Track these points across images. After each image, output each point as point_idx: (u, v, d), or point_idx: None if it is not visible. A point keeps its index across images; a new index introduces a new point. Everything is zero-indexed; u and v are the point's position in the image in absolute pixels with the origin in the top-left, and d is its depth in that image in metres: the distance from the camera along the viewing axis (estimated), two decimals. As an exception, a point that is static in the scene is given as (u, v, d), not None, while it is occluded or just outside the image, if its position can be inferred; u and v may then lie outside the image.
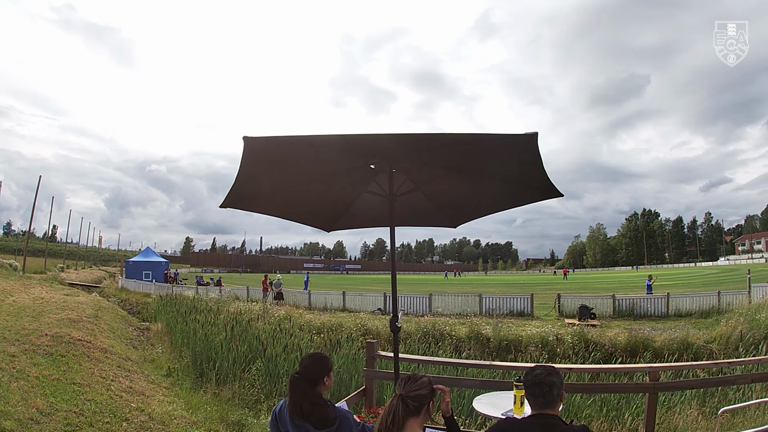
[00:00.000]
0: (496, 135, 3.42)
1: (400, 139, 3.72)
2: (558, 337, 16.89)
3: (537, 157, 3.44)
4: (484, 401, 5.11)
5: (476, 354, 16.53)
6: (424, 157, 4.30)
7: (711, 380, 7.73)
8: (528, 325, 19.53)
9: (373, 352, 6.27)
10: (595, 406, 9.13)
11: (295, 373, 3.39)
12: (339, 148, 4.02)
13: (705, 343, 16.68)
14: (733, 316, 19.14)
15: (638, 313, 25.28)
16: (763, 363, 8.28)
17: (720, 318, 20.50)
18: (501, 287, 46.43)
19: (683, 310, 25.44)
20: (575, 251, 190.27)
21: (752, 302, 22.46)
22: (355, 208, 5.37)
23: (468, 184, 4.76)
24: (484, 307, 26.32)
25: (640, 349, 15.96)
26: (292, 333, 16.01)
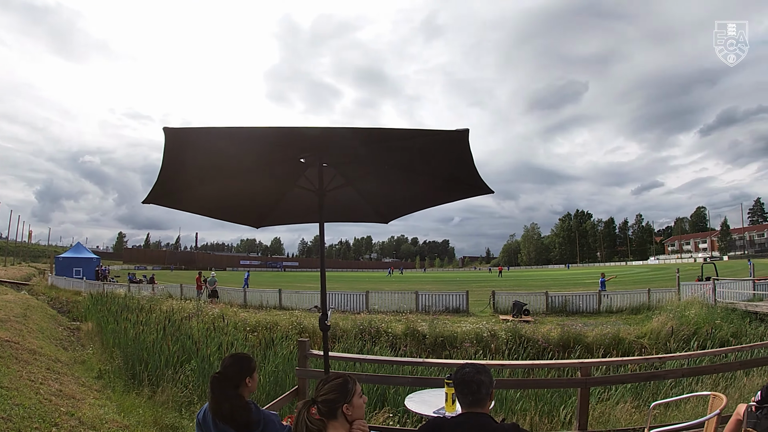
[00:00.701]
0: (427, 131, 3.33)
1: (330, 132, 3.56)
2: (492, 333, 17.04)
3: (468, 153, 3.40)
4: (416, 399, 4.99)
5: (412, 351, 16.54)
6: (355, 152, 4.20)
7: (642, 375, 7.95)
8: (463, 322, 19.62)
9: (305, 351, 6.08)
10: (529, 400, 9.13)
11: (215, 373, 3.27)
12: (267, 141, 3.77)
13: (636, 338, 17.17)
14: (663, 313, 19.86)
15: (570, 310, 25.98)
16: (693, 358, 8.35)
17: (650, 314, 21.29)
18: (437, 284, 46.87)
19: (614, 307, 26.31)
20: (510, 249, 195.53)
21: (681, 299, 23.43)
22: (285, 204, 5.18)
23: (400, 179, 4.70)
24: (421, 304, 26.56)
25: (572, 344, 16.30)
26: (226, 332, 15.48)
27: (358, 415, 2.70)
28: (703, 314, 18.93)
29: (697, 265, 45.57)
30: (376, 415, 8.05)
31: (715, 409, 4.22)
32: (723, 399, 4.24)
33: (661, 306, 23.03)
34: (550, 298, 26.57)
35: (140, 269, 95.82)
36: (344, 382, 2.71)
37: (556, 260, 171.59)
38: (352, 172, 4.67)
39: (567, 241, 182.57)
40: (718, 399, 4.36)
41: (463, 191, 4.41)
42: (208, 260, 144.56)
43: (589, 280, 52.83)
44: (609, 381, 8.27)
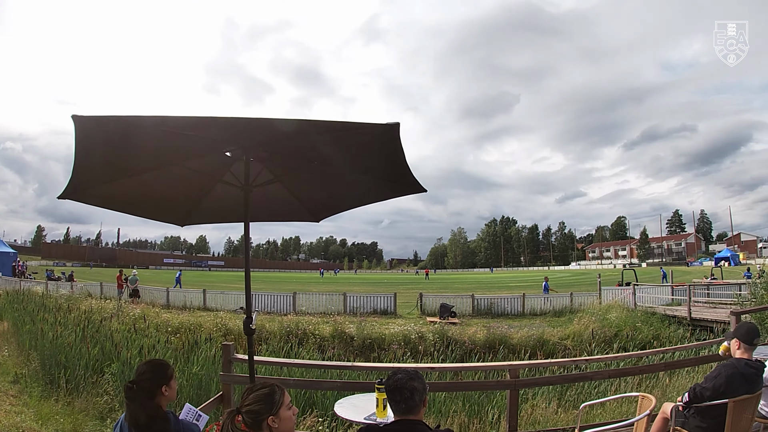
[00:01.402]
0: (357, 123, 3.20)
1: (257, 123, 3.30)
2: (420, 335, 17.08)
3: (399, 148, 3.28)
4: (345, 404, 4.78)
5: (340, 353, 16.36)
6: (284, 146, 4.07)
7: (571, 376, 8.03)
8: (391, 324, 19.66)
9: (229, 355, 5.77)
10: (458, 401, 9.07)
11: (129, 382, 3.05)
12: (190, 132, 3.48)
13: (560, 340, 17.59)
14: (585, 316, 20.45)
15: (496, 312, 26.46)
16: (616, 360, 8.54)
17: (573, 317, 21.82)
18: (365, 286, 46.83)
19: (538, 310, 27.02)
20: (437, 253, 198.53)
21: (602, 303, 24.22)
22: (211, 201, 4.84)
23: (331, 175, 4.55)
24: (349, 306, 26.36)
25: (497, 345, 16.50)
26: (147, 334, 14.79)
27: (287, 427, 2.51)
28: (623, 317, 19.71)
29: (617, 271, 47.48)
30: (304, 420, 7.83)
31: (644, 409, 4.25)
32: (652, 400, 4.26)
33: (583, 309, 23.86)
34: (476, 300, 26.97)
35: (59, 266, 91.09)
36: (271, 393, 2.53)
37: (482, 264, 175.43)
38: (281, 168, 4.45)
39: (492, 245, 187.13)
40: (647, 399, 4.38)
41: (395, 189, 4.27)
42: (131, 258, 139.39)
43: (513, 283, 54.18)
44: (538, 382, 8.28)
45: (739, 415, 4.00)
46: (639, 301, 23.71)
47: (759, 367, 4.19)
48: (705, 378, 4.24)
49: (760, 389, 4.20)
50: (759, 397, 4.22)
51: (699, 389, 4.17)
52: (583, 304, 25.78)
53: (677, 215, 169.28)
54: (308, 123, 3.25)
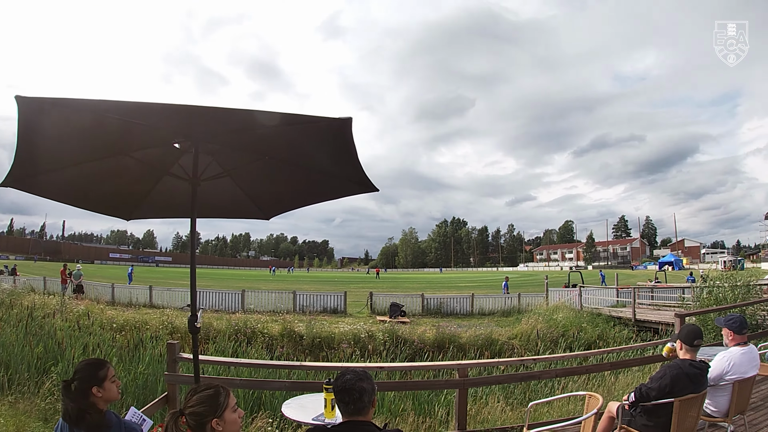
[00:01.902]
0: (309, 116, 3.11)
1: (206, 113, 3.18)
2: (370, 334, 17.05)
3: (351, 144, 3.23)
4: (293, 405, 4.65)
5: (289, 352, 16.21)
6: (234, 138, 3.88)
7: (517, 375, 8.16)
8: (341, 323, 19.61)
9: (174, 354, 5.60)
10: (409, 401, 9.04)
11: (65, 380, 2.97)
12: (137, 120, 3.29)
13: (508, 339, 17.80)
14: (532, 316, 20.76)
15: (445, 312, 26.66)
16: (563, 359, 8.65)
17: (521, 317, 22.14)
18: (316, 284, 46.41)
19: (487, 310, 27.39)
20: (388, 252, 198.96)
21: (549, 304, 24.65)
22: (158, 195, 4.64)
23: (282, 171, 4.44)
24: (298, 304, 26.10)
25: (447, 344, 16.56)
26: (92, 331, 14.27)
27: (232, 430, 2.42)
28: (570, 318, 20.14)
29: (564, 273, 48.40)
30: (253, 422, 7.66)
31: (591, 408, 4.26)
32: (599, 399, 4.28)
33: (531, 309, 24.29)
34: (426, 300, 27.12)
35: (2, 259, 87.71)
36: (215, 394, 2.43)
37: (432, 264, 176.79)
38: (232, 162, 4.29)
39: (443, 246, 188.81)
40: (593, 399, 4.41)
41: (347, 188, 4.22)
42: (76, 252, 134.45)
43: (463, 283, 54.68)
44: (487, 381, 8.35)
45: (684, 413, 4.08)
46: (585, 302, 24.36)
47: (703, 368, 4.28)
48: (650, 378, 4.31)
49: (705, 389, 4.30)
50: (704, 397, 4.32)
51: (645, 389, 4.22)
52: (531, 305, 26.23)
53: (623, 221, 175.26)
54: (259, 114, 3.16)
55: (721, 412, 4.72)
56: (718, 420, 4.78)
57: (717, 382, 4.68)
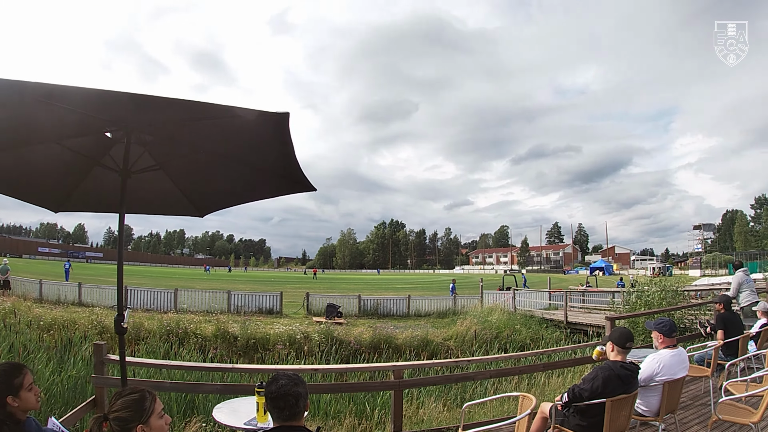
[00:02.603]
0: (246, 109, 2.98)
1: (140, 100, 2.97)
2: (306, 335, 16.84)
3: (288, 140, 3.17)
4: (225, 409, 4.52)
5: (223, 354, 15.80)
6: (169, 130, 3.74)
7: (453, 376, 8.20)
8: (276, 323, 19.22)
9: (102, 356, 5.32)
10: (345, 402, 8.95)
11: None
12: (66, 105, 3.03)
13: (443, 340, 17.93)
14: (468, 318, 21.00)
15: (382, 313, 26.67)
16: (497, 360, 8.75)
17: (456, 318, 22.38)
18: (251, 284, 45.61)
19: (423, 311, 27.58)
20: (326, 252, 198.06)
21: (484, 306, 25.00)
22: (88, 186, 4.40)
23: (217, 167, 4.25)
24: (233, 304, 25.52)
25: (383, 345, 16.54)
26: (18, 330, 13.56)
27: None
28: (504, 320, 20.52)
29: (499, 276, 49.24)
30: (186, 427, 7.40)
31: (525, 408, 4.30)
32: (533, 399, 4.34)
33: (466, 311, 24.67)
34: (363, 301, 27.13)
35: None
36: (140, 399, 2.31)
37: (370, 265, 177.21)
38: (165, 155, 4.12)
39: (380, 247, 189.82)
40: (527, 399, 4.46)
41: (284, 186, 4.16)
42: (3, 245, 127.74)
43: (399, 285, 54.97)
44: (421, 383, 8.41)
45: (616, 413, 4.16)
46: (519, 304, 24.88)
47: (634, 369, 4.39)
48: (583, 379, 4.39)
49: (636, 389, 4.41)
50: (635, 397, 4.42)
51: (578, 390, 4.29)
52: (466, 307, 26.65)
53: (557, 227, 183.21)
54: (195, 104, 3.01)
55: (652, 411, 4.86)
56: (649, 419, 4.92)
57: (647, 382, 4.81)
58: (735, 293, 10.36)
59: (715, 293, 16.60)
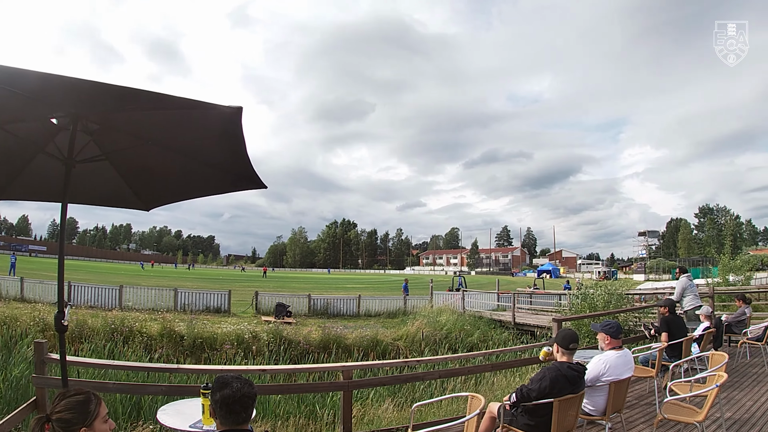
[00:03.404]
0: (197, 102, 2.91)
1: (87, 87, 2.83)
2: (254, 335, 16.61)
3: (240, 136, 3.12)
4: (170, 411, 4.38)
5: (169, 353, 15.39)
6: (117, 118, 3.61)
7: (402, 377, 8.21)
8: (224, 323, 18.93)
9: (42, 355, 5.12)
10: (293, 403, 8.89)
11: None
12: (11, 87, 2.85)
13: (393, 340, 17.94)
14: (417, 318, 21.09)
15: (332, 312, 26.56)
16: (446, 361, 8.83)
17: (406, 319, 22.44)
18: (199, 282, 44.76)
19: (373, 311, 27.60)
20: (277, 251, 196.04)
21: (434, 306, 25.11)
22: (30, 174, 4.21)
23: (165, 160, 4.10)
24: (180, 302, 24.88)
25: (332, 346, 16.44)
26: None
27: None
28: (453, 320, 20.67)
29: (448, 277, 49.66)
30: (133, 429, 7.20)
31: (474, 408, 4.34)
32: (481, 399, 4.39)
33: (416, 311, 24.76)
34: (313, 300, 26.93)
35: None
36: (85, 401, 2.23)
37: (320, 264, 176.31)
38: (112, 144, 3.97)
39: (332, 247, 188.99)
40: (476, 399, 4.50)
41: (234, 182, 4.10)
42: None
43: (350, 284, 54.87)
44: (371, 383, 8.39)
45: (564, 413, 4.23)
46: (468, 305, 25.17)
47: (580, 370, 4.49)
48: (531, 380, 4.44)
49: (583, 389, 4.49)
50: (582, 397, 4.51)
51: (525, 390, 4.34)
52: (416, 307, 26.73)
53: (506, 230, 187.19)
54: (145, 93, 2.87)
55: (598, 410, 4.98)
56: (596, 418, 5.03)
57: (594, 383, 4.93)
58: (679, 297, 10.74)
59: (658, 297, 17.12)
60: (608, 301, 16.36)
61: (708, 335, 8.62)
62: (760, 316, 13.74)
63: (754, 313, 13.20)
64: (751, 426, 5.93)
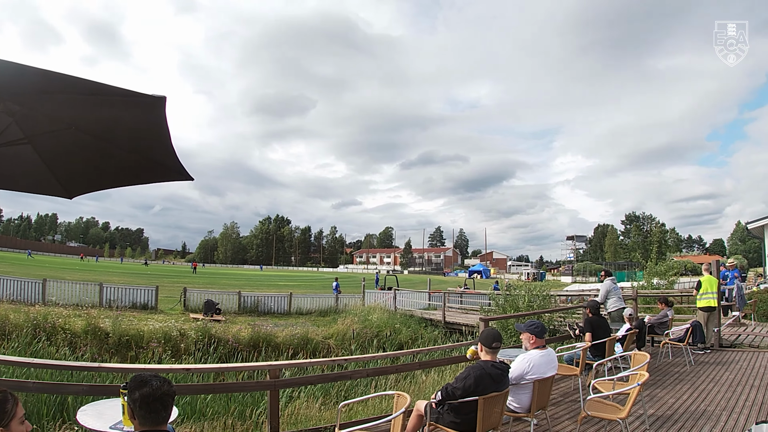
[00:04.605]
0: (121, 89, 2.82)
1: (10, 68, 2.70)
2: (182, 333, 16.23)
3: (164, 126, 3.06)
4: (90, 412, 4.22)
5: (94, 351, 14.78)
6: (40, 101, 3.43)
7: (330, 375, 8.22)
8: (151, 319, 18.43)
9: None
10: (222, 402, 8.73)
11: None
12: None
13: (324, 339, 17.89)
14: (348, 316, 21.08)
15: (262, 310, 26.26)
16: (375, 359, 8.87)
17: (338, 317, 22.40)
18: (126, 277, 43.19)
19: (304, 309, 27.49)
20: (208, 246, 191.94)
21: (365, 305, 25.19)
22: None
23: (89, 146, 3.94)
24: (105, 298, 23.81)
25: (262, 344, 16.26)
26: None
27: None
28: (384, 319, 20.79)
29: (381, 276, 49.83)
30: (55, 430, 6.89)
31: (400, 406, 4.42)
32: (407, 397, 4.50)
33: (348, 310, 24.74)
34: (243, 297, 26.57)
35: None
36: (2, 401, 2.15)
37: (253, 261, 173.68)
38: (34, 127, 3.79)
39: (265, 243, 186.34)
40: (402, 398, 4.60)
41: (159, 173, 4.01)
42: None
43: (282, 282, 54.42)
44: (298, 382, 8.42)
45: (489, 410, 4.33)
46: (399, 304, 25.45)
47: (504, 368, 4.61)
48: (456, 378, 4.53)
49: (507, 387, 4.62)
50: (506, 395, 4.63)
51: (451, 388, 4.42)
52: (348, 305, 26.81)
53: (439, 231, 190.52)
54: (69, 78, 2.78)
55: (523, 408, 5.11)
56: (521, 415, 5.17)
57: (518, 381, 5.06)
58: (603, 299, 11.13)
59: (585, 299, 17.69)
60: (531, 302, 16.81)
61: (631, 336, 8.99)
62: (682, 318, 14.40)
63: (676, 315, 13.88)
64: (674, 422, 6.21)
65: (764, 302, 18.44)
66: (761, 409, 6.73)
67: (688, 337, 10.17)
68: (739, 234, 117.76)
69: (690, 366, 9.72)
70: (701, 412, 6.66)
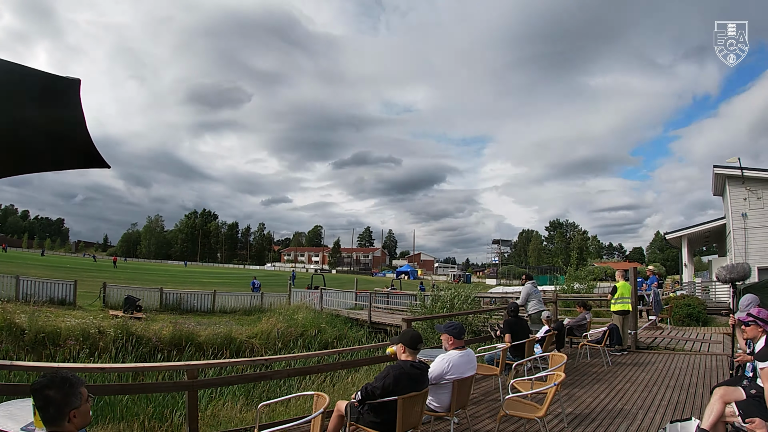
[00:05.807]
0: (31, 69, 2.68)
1: None
2: (101, 330, 15.61)
3: (78, 110, 2.91)
4: (1, 413, 4.02)
5: (9, 348, 14.13)
6: None
7: (250, 376, 8.14)
8: (69, 316, 17.55)
9: None
10: (141, 404, 8.51)
11: None
12: None
13: (247, 338, 17.66)
14: (274, 315, 20.91)
15: (185, 308, 25.76)
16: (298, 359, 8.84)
17: (262, 316, 22.17)
18: (44, 270, 41.17)
19: (229, 307, 27.14)
20: (130, 239, 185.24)
21: (292, 304, 25.03)
22: None
23: None
24: (22, 292, 22.71)
25: (184, 343, 15.93)
26: None
27: None
28: (310, 318, 20.69)
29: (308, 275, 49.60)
30: None
31: (320, 407, 4.43)
32: (326, 398, 4.54)
33: (273, 309, 24.53)
34: (165, 294, 25.97)
35: None
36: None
37: (177, 256, 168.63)
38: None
39: (190, 238, 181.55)
40: (321, 398, 4.63)
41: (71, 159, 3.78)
42: None
43: (206, 279, 53.36)
44: (218, 383, 8.32)
45: (409, 409, 4.41)
46: (326, 303, 25.42)
47: (423, 368, 4.72)
48: (375, 378, 4.59)
49: (426, 387, 4.71)
50: (426, 394, 4.72)
51: (370, 388, 4.48)
52: (274, 304, 26.66)
53: (368, 231, 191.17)
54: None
55: (443, 407, 5.22)
56: (442, 414, 5.27)
57: (438, 380, 5.16)
58: (524, 302, 11.48)
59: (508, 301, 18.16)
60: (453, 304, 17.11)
61: (550, 337, 9.34)
62: (600, 321, 14.96)
63: (594, 318, 14.42)
64: (592, 420, 6.49)
65: (680, 308, 19.64)
66: (676, 408, 7.11)
67: (606, 339, 10.65)
68: (657, 243, 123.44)
69: (608, 366, 10.20)
70: (618, 410, 6.99)
